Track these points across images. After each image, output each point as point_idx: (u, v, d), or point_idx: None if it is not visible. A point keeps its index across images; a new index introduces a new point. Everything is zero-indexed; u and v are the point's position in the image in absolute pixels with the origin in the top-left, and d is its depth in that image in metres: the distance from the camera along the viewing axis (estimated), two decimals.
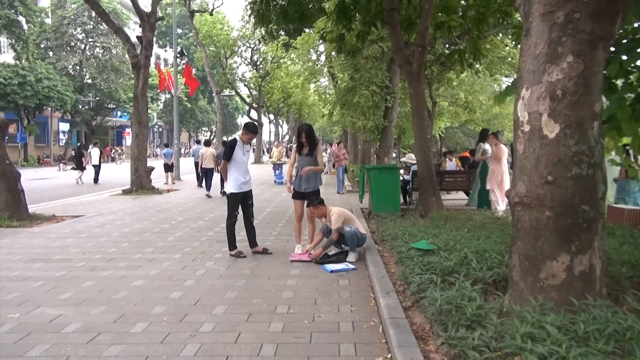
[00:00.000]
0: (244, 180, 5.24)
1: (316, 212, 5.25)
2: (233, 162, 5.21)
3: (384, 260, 4.84)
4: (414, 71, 7.51)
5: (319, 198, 5.29)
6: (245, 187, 5.27)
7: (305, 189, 5.30)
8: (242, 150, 5.24)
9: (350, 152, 22.00)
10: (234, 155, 5.18)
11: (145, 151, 13.01)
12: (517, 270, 2.90)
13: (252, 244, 5.37)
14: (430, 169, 7.62)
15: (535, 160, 2.78)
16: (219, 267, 4.88)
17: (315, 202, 5.24)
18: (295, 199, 5.39)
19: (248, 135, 5.26)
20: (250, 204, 5.35)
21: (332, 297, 3.86)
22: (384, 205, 7.60)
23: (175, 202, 10.72)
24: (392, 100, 11.56)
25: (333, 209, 5.27)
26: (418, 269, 3.85)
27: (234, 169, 5.21)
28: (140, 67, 12.42)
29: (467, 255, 3.94)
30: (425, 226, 5.88)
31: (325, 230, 5.25)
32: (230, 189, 5.23)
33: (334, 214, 5.13)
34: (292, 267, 4.86)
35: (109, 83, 33.58)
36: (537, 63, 2.77)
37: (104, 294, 3.97)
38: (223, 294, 3.96)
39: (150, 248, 5.78)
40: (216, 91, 26.56)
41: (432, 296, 3.10)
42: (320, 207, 5.24)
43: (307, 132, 5.22)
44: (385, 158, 11.85)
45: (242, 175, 5.23)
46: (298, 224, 5.41)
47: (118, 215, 8.60)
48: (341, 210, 5.26)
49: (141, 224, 7.63)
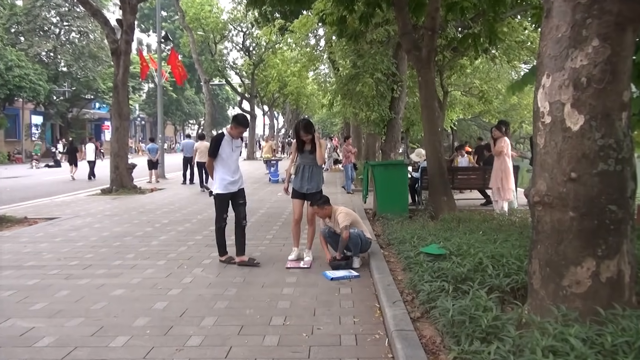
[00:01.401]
0: (232, 180, 5.16)
1: (321, 212, 5.26)
2: (219, 160, 5.12)
3: (390, 266, 4.84)
4: (423, 57, 7.49)
5: (325, 197, 5.30)
6: (233, 187, 5.18)
7: (308, 189, 5.30)
8: (231, 146, 5.16)
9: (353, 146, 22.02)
10: (221, 151, 5.09)
11: (127, 146, 13.01)
12: (537, 277, 2.89)
13: (238, 252, 5.25)
14: (441, 165, 7.61)
15: (557, 155, 2.77)
16: (207, 274, 4.88)
17: (321, 201, 5.24)
18: (295, 198, 5.38)
19: (237, 129, 5.16)
20: (242, 204, 5.28)
21: (332, 307, 3.86)
22: (390, 205, 7.60)
23: (159, 202, 10.71)
24: (399, 89, 11.54)
25: (339, 208, 5.30)
26: (428, 275, 3.85)
27: (220, 167, 5.13)
28: (121, 53, 12.39)
29: (482, 261, 3.93)
30: (435, 229, 5.87)
31: (327, 234, 5.25)
32: (216, 189, 5.16)
33: (341, 213, 5.15)
34: (289, 274, 4.86)
35: (86, 71, 33.53)
36: (559, 48, 2.76)
37: (81, 305, 3.96)
38: (212, 304, 3.95)
39: (131, 254, 5.77)
40: (204, 80, 26.53)
41: (443, 306, 3.09)
42: (325, 207, 5.24)
43: (306, 128, 5.18)
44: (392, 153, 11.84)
45: (230, 174, 5.15)
46: (296, 227, 5.39)
47: (96, 217, 8.59)
48: (348, 210, 5.30)
49: (122, 227, 7.62)
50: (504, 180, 7.56)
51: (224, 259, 5.19)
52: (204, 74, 26.54)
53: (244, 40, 31.23)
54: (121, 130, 12.57)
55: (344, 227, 5.01)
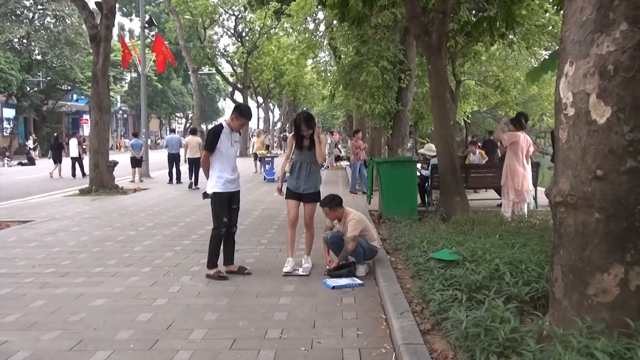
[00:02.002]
0: (231, 178, 5.06)
1: (331, 214, 5.22)
2: (217, 155, 5.00)
3: (397, 273, 4.84)
4: (433, 43, 7.48)
5: (338, 198, 5.23)
6: (233, 186, 5.09)
7: (305, 189, 5.21)
8: (230, 139, 5.05)
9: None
10: (219, 145, 4.97)
11: (107, 142, 13.01)
12: (559, 285, 2.89)
13: (227, 260, 5.21)
14: (454, 162, 7.61)
15: (581, 151, 2.76)
16: (196, 282, 4.88)
17: (333, 203, 5.17)
18: (289, 198, 5.28)
19: (239, 121, 5.03)
20: (236, 209, 5.22)
21: (334, 318, 3.86)
22: (397, 206, 7.60)
23: (143, 203, 10.72)
24: (406, 78, 11.53)
25: (351, 213, 5.24)
26: (439, 284, 3.85)
27: (219, 163, 5.02)
28: (100, 39, 12.39)
29: (499, 267, 3.93)
30: (447, 232, 5.88)
31: (330, 239, 5.22)
32: (214, 188, 5.03)
33: (352, 220, 5.09)
34: (286, 282, 4.86)
35: (62, 60, 33.51)
36: (584, 32, 2.75)
37: (58, 316, 3.96)
38: (202, 315, 3.95)
39: (113, 260, 5.78)
40: (192, 69, 26.54)
41: (456, 317, 3.09)
42: (337, 210, 5.19)
43: (307, 122, 5.09)
44: (399, 149, 11.83)
45: (229, 171, 5.04)
46: (291, 231, 5.30)
47: (74, 220, 8.60)
48: (361, 216, 5.27)
49: (102, 230, 7.62)
50: (507, 178, 7.55)
51: (212, 273, 5.01)
52: (192, 62, 26.57)
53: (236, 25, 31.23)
54: (101, 125, 12.57)
55: (351, 238, 4.96)
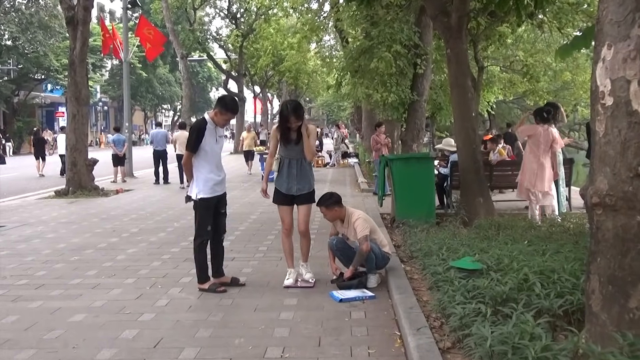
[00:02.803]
0: (218, 179, 5.05)
1: (329, 214, 5.19)
2: (202, 154, 4.96)
3: (413, 284, 4.84)
4: (452, 24, 7.46)
5: (336, 195, 5.19)
6: (220, 188, 5.09)
7: (298, 189, 5.12)
8: (214, 135, 5.02)
9: (365, 137, 22.02)
10: (203, 144, 4.92)
11: (86, 137, 13.07)
12: (597, 297, 2.88)
13: (216, 272, 5.18)
14: (476, 158, 7.60)
15: (621, 145, 2.75)
16: (187, 295, 4.89)
17: (331, 200, 5.12)
18: (281, 204, 5.21)
19: (224, 115, 5.00)
20: (223, 214, 5.21)
21: (342, 335, 3.86)
22: (412, 209, 7.59)
23: (127, 206, 10.76)
24: (422, 64, 11.50)
25: (355, 212, 5.22)
26: (460, 296, 3.84)
27: (204, 163, 4.98)
28: (78, 22, 12.44)
29: (528, 277, 3.92)
30: (469, 237, 5.87)
31: (335, 245, 5.21)
32: (200, 194, 4.98)
33: (359, 219, 5.07)
34: (287, 294, 4.87)
35: (35, 45, 33.68)
36: (624, 11, 2.74)
37: (33, 333, 3.98)
38: (193, 332, 3.97)
39: (93, 270, 5.80)
40: (181, 55, 26.61)
41: (479, 333, 3.09)
42: (334, 209, 5.14)
43: (296, 112, 4.98)
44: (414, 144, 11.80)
45: (215, 172, 5.03)
46: (288, 240, 5.27)
47: (49, 225, 8.64)
48: (365, 215, 5.26)
49: (81, 237, 7.66)
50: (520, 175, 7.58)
51: (206, 286, 4.99)
52: (181, 48, 26.63)
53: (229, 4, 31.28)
54: (79, 118, 12.63)
55: (363, 238, 4.94)
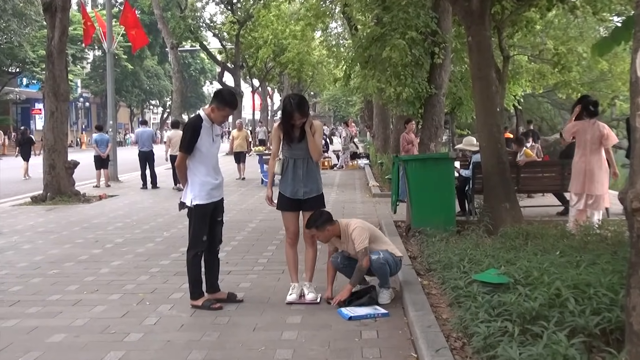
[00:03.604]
0: (215, 183, 5.05)
1: (322, 235, 5.06)
2: (197, 156, 4.95)
3: (431, 300, 4.83)
4: (474, 9, 7.46)
5: (325, 213, 5.06)
6: (217, 193, 5.08)
7: (305, 193, 5.10)
8: (211, 134, 5.01)
9: (377, 135, 22.02)
10: (199, 144, 4.92)
11: (66, 137, 13.12)
12: (638, 314, 2.87)
13: (210, 287, 5.18)
14: (501, 159, 7.57)
15: None
16: (179, 312, 4.89)
17: (320, 221, 4.97)
18: (286, 210, 5.19)
19: (222, 111, 4.98)
20: (220, 222, 5.21)
21: (351, 357, 3.86)
22: (430, 216, 7.58)
23: (111, 214, 10.79)
24: (441, 54, 11.49)
25: (351, 223, 5.14)
26: (484, 313, 3.83)
27: (200, 166, 4.98)
28: (56, 9, 12.49)
29: (561, 292, 3.90)
30: (494, 247, 5.85)
31: (340, 262, 5.17)
32: (196, 199, 4.98)
33: (356, 229, 5.00)
34: (290, 312, 4.86)
35: (9, 35, 33.89)
36: None
37: (7, 355, 3.99)
38: (185, 354, 3.97)
39: (74, 285, 5.81)
40: (171, 45, 26.69)
41: (506, 355, 3.08)
42: (327, 229, 5.01)
43: (301, 107, 4.95)
44: (432, 144, 11.79)
45: (212, 175, 5.03)
46: (292, 250, 5.26)
47: (25, 235, 8.68)
48: (362, 222, 5.20)
49: (60, 248, 7.68)
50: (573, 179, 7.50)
51: (200, 303, 5.00)
52: (171, 37, 26.70)
53: None
54: (58, 116, 12.67)
55: (362, 252, 4.89)
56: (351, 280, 4.98)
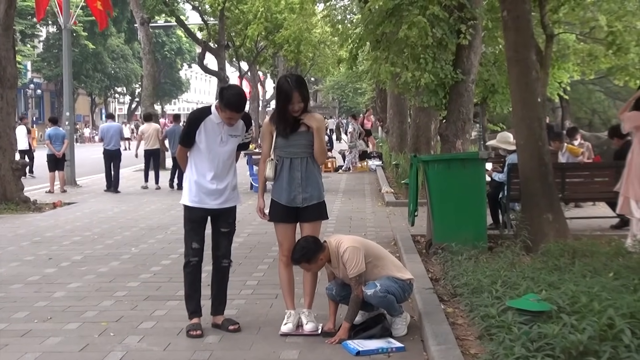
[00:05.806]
0: (210, 189, 5.10)
1: (314, 267, 5.07)
2: (195, 152, 5.08)
3: (456, 331, 4.84)
4: None
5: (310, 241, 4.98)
6: (211, 199, 5.13)
7: (304, 199, 5.11)
8: (219, 133, 5.05)
9: (392, 130, 22.02)
10: (199, 138, 5.02)
11: (12, 132, 13.12)
12: None
13: (215, 310, 5.28)
14: (543, 160, 7.58)
15: None
16: (149, 345, 4.90)
17: (310, 253, 4.90)
18: (280, 221, 5.20)
19: (224, 113, 4.97)
20: (226, 233, 5.28)
21: None
22: (455, 229, 7.58)
23: (67, 225, 10.80)
24: (469, 33, 11.51)
25: (342, 242, 5.01)
26: (521, 347, 3.83)
27: (198, 163, 5.10)
28: None
29: (614, 322, 3.91)
30: (534, 268, 5.86)
31: (337, 293, 5.13)
32: (184, 198, 5.18)
33: (347, 250, 4.89)
34: (285, 345, 4.87)
35: None
36: None
37: None
38: None
39: (22, 312, 5.81)
40: (141, 20, 26.70)
41: None
42: (319, 258, 4.95)
43: (300, 87, 4.95)
44: (458, 141, 11.80)
45: (208, 178, 5.09)
46: (287, 271, 5.27)
47: None
48: (355, 240, 5.15)
49: (5, 267, 7.69)
50: (623, 180, 7.37)
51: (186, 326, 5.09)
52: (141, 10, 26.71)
53: None
54: (3, 105, 12.66)
55: (355, 281, 4.85)
56: (346, 317, 4.94)
